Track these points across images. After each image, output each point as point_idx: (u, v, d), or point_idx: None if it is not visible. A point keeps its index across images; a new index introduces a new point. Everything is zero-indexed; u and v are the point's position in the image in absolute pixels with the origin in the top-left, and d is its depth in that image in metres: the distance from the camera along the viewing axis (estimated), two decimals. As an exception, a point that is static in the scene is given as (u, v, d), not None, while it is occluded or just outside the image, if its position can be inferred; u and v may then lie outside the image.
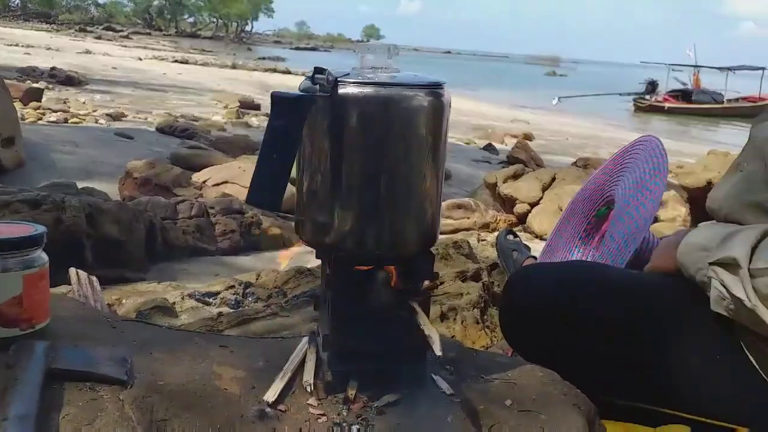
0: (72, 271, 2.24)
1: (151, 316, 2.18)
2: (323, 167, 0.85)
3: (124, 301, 2.44)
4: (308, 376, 0.94)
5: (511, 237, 2.59)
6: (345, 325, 0.91)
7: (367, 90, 0.83)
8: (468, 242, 3.04)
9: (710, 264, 0.98)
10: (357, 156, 0.84)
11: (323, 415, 0.87)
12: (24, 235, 0.90)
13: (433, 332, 0.83)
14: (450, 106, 0.89)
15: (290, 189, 0.85)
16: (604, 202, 1.91)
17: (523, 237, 4.73)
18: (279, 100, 0.79)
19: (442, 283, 2.20)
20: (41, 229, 0.92)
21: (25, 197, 2.43)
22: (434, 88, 0.86)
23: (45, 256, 0.92)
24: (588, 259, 1.87)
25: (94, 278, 2.24)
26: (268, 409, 0.86)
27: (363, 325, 0.91)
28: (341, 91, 0.82)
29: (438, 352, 0.79)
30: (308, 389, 0.91)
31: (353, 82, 0.83)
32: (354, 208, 0.87)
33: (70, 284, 2.23)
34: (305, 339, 1.04)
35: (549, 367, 1.06)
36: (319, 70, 0.85)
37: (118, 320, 1.05)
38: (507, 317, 1.31)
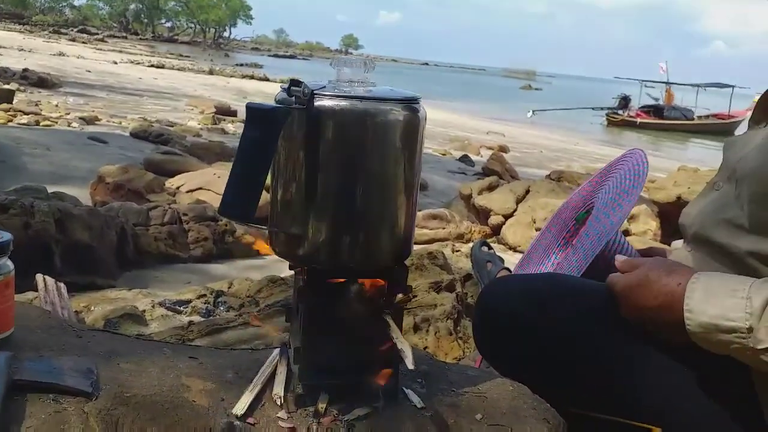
0: (39, 277, 2.20)
1: (121, 324, 2.15)
2: (298, 178, 0.85)
3: (93, 308, 2.40)
4: (278, 388, 0.93)
5: (485, 248, 2.60)
6: (317, 338, 0.91)
7: (344, 103, 0.83)
8: (443, 253, 3.05)
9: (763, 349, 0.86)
10: (332, 168, 0.84)
11: (293, 428, 0.86)
12: (-11, 242, 0.88)
13: (405, 346, 0.83)
14: (425, 120, 0.89)
15: (265, 197, 0.84)
16: (585, 209, 1.93)
17: (498, 248, 4.76)
18: (254, 111, 0.78)
19: (415, 296, 2.19)
20: (7, 236, 0.90)
21: (-8, 201, 2.38)
22: (410, 103, 0.86)
23: (10, 264, 0.90)
24: (562, 261, 1.90)
25: (61, 285, 2.20)
26: (237, 422, 0.85)
27: (335, 338, 0.91)
28: (317, 104, 0.82)
29: (410, 366, 0.79)
30: (278, 402, 0.91)
31: (329, 95, 0.83)
32: (328, 220, 0.86)
33: (37, 290, 2.19)
34: (276, 351, 1.03)
35: (520, 379, 1.07)
36: (295, 83, 0.85)
37: (84, 330, 1.03)
38: (479, 329, 1.32)
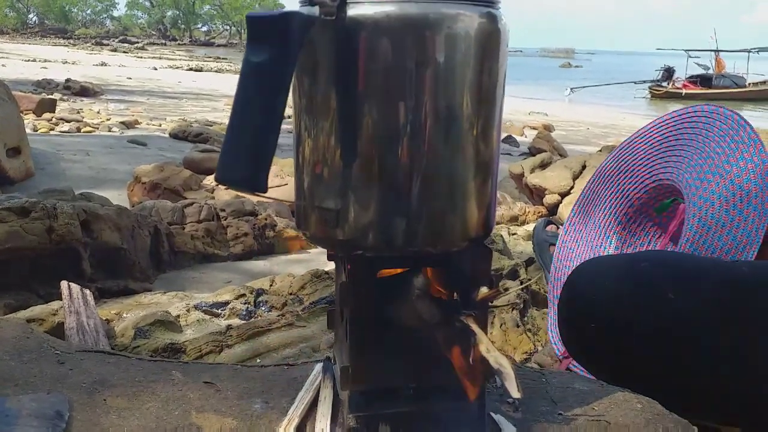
0: (63, 284, 2.01)
1: (152, 332, 1.95)
2: (330, 127, 0.59)
3: (124, 315, 2.20)
4: (322, 422, 0.68)
5: (553, 227, 2.32)
6: (370, 353, 0.65)
7: (390, 8, 0.56)
8: (501, 236, 2.77)
9: None
10: (378, 109, 0.58)
11: (344, 484, 0.61)
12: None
13: (503, 361, 0.56)
14: (509, 33, 0.62)
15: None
16: (661, 188, 1.60)
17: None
18: (257, 22, 0.52)
19: (506, 290, 1.89)
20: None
21: (13, 204, 2.21)
22: (487, 5, 0.59)
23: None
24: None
25: (87, 291, 2.01)
26: (265, 479, 0.61)
27: (395, 352, 0.65)
28: (352, 12, 0.56)
29: (516, 394, 0.53)
30: (322, 443, 0.66)
31: (369, 0, 0.57)
32: (376, 187, 0.60)
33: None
34: (318, 367, 0.78)
35: (630, 386, 0.83)
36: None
37: (70, 352, 0.80)
38: (568, 322, 1.09)
